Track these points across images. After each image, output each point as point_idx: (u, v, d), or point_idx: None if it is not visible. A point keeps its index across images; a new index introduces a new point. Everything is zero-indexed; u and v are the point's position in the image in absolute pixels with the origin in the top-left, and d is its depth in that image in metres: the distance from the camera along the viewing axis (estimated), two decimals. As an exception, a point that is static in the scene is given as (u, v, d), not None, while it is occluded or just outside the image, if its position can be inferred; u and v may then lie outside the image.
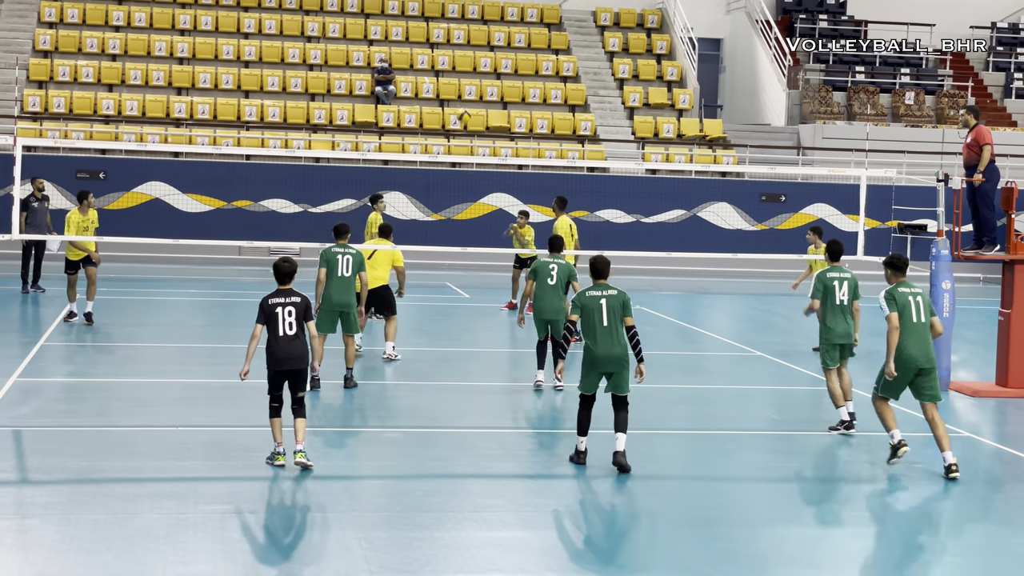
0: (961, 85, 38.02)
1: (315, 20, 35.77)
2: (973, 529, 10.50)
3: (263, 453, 11.76)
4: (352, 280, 15.06)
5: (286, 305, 11.06)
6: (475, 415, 14.18)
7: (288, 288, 11.22)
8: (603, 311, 11.48)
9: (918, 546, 9.86)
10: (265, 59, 34.27)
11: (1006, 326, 16.45)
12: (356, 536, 9.41)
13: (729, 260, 30.07)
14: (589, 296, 11.59)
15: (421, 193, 30.28)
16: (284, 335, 11.00)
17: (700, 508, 10.68)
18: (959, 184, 16.70)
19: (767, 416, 14.87)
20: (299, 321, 11.05)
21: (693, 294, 27.78)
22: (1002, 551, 9.94)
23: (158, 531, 9.34)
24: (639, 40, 37.38)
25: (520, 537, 9.69)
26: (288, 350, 11.01)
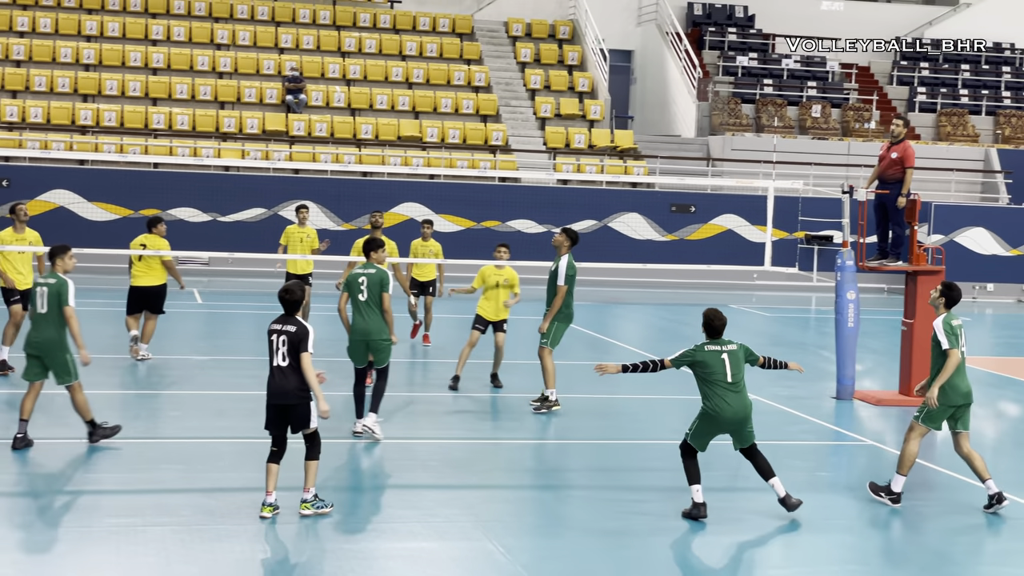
0: (866, 99, 38.67)
1: (225, 28, 35.46)
2: (876, 536, 10.66)
3: (168, 464, 11.63)
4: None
5: (281, 333, 10.13)
6: (386, 425, 14.11)
7: (289, 316, 10.23)
8: (727, 366, 10.54)
9: (822, 553, 9.98)
10: (173, 66, 33.90)
11: (909, 336, 16.74)
12: (263, 548, 9.33)
13: (639, 270, 30.30)
14: (708, 351, 10.58)
15: (332, 203, 30.12)
16: (277, 366, 10.11)
17: (608, 517, 10.73)
18: (864, 196, 16.96)
19: (675, 426, 14.97)
20: (291, 353, 10.05)
21: (604, 304, 27.92)
22: (905, 558, 10.10)
23: (62, 546, 9.20)
24: (551, 51, 37.54)
25: (430, 548, 9.66)
26: (277, 384, 10.12)
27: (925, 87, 39.91)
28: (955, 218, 33.21)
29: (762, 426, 14.45)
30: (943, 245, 30.20)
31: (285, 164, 18.41)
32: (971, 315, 29.18)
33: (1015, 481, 12.63)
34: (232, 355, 18.56)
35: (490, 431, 14.44)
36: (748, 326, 25.38)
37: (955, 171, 35.61)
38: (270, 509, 10.08)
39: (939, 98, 39.35)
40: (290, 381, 10.06)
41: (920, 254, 16.74)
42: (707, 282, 31.23)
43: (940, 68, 40.92)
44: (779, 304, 28.90)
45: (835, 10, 41.63)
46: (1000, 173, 36.19)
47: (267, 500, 10.12)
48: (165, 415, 14.03)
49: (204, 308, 24.34)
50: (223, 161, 18.86)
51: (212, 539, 9.55)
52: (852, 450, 14.03)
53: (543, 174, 25.59)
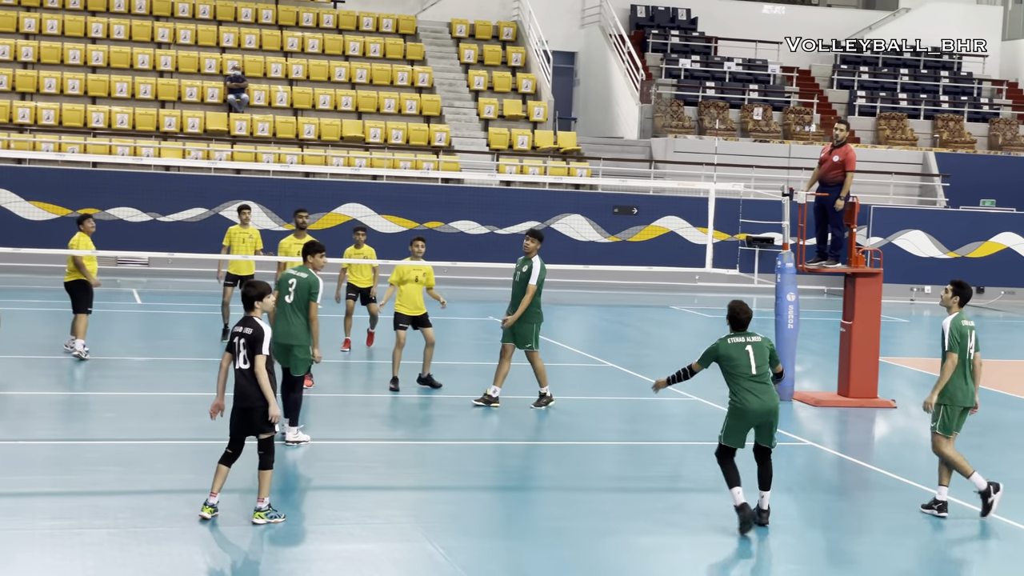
0: (807, 102, 38.99)
1: (166, 26, 35.15)
2: (815, 536, 10.74)
3: (105, 467, 11.51)
4: None
5: (241, 336, 9.98)
6: (325, 426, 14.04)
7: (249, 316, 10.10)
8: (751, 358, 10.37)
9: (760, 554, 10.04)
10: (113, 64, 33.56)
11: (847, 337, 16.89)
12: (200, 551, 9.25)
13: (582, 271, 30.35)
14: (731, 343, 10.43)
15: (273, 203, 29.93)
16: (239, 369, 9.98)
17: (548, 518, 10.74)
18: (804, 198, 17.09)
19: (617, 427, 15.02)
20: (251, 355, 9.91)
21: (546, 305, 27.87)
22: (844, 557, 10.18)
23: (-7, 549, 9.07)
24: (494, 52, 37.54)
25: (370, 550, 9.62)
26: (240, 386, 9.98)
27: (865, 91, 40.31)
28: (893, 221, 33.56)
29: (702, 427, 14.57)
30: (881, 247, 30.51)
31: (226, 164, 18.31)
32: (908, 317, 29.51)
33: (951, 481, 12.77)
34: (171, 356, 18.40)
35: (430, 432, 14.41)
36: (690, 327, 25.52)
37: (893, 174, 35.99)
38: (211, 510, 9.96)
39: (878, 102, 39.75)
40: (252, 384, 9.94)
41: (858, 256, 16.89)
42: (649, 283, 31.36)
43: (880, 72, 41.33)
44: (720, 305, 28.99)
45: (776, 14, 41.93)
46: (938, 177, 36.61)
47: (210, 501, 10.01)
48: (102, 416, 13.89)
49: (143, 308, 24.11)
50: (163, 160, 18.70)
51: (149, 542, 9.45)
52: (790, 451, 14.11)
53: (486, 175, 25.59)
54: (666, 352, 21.86)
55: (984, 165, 37.60)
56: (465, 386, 16.49)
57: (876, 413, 16.39)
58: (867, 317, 16.88)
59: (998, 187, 36.76)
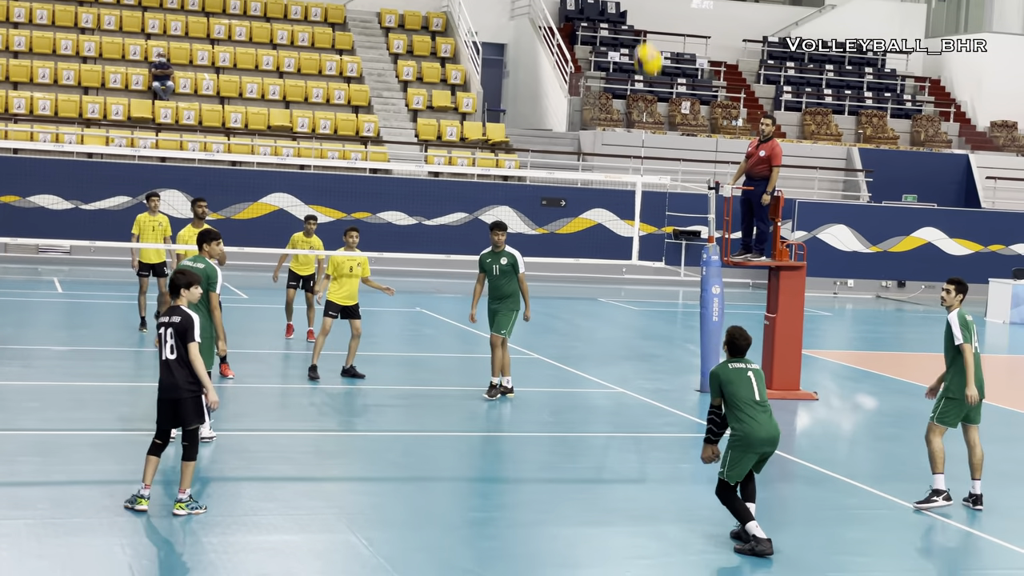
0: (734, 96, 39.29)
1: (89, 11, 34.66)
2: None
3: (25, 457, 11.35)
4: None
5: (168, 325, 9.84)
6: (246, 417, 13.94)
7: (175, 306, 9.97)
8: (753, 384, 9.96)
9: (683, 544, 10.11)
10: (36, 50, 33.06)
11: (771, 330, 17.05)
12: (120, 542, 9.15)
13: (510, 263, 30.34)
14: (733, 369, 9.98)
15: (199, 191, 29.57)
16: (165, 360, 9.86)
17: (471, 509, 10.75)
18: (730, 192, 17.22)
19: (542, 419, 15.06)
20: (179, 345, 9.79)
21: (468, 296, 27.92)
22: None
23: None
24: (424, 43, 37.44)
25: (292, 540, 9.57)
26: (163, 378, 9.90)
27: (791, 86, 40.69)
28: (818, 215, 33.93)
29: (627, 418, 14.66)
30: (806, 241, 30.83)
31: (151, 152, 18.08)
32: (831, 310, 29.85)
33: (871, 472, 12.95)
34: (92, 345, 18.16)
35: (355, 423, 14.36)
36: (617, 320, 25.63)
37: (818, 169, 36.39)
38: (146, 501, 9.90)
39: (804, 97, 40.15)
40: (179, 375, 9.82)
41: (783, 250, 17.05)
42: (577, 275, 31.46)
43: (805, 68, 41.75)
44: (647, 298, 29.23)
45: (705, 8, 42.18)
46: (861, 172, 37.07)
47: (143, 492, 9.93)
48: (23, 406, 13.69)
49: (65, 297, 23.79)
50: (86, 148, 18.45)
51: (68, 533, 9.34)
52: (714, 442, 14.22)
53: (414, 166, 25.50)
54: (593, 344, 21.94)
55: (907, 161, 38.14)
56: (390, 376, 16.44)
57: (798, 405, 16.56)
58: (790, 310, 17.05)
59: (920, 183, 37.33)
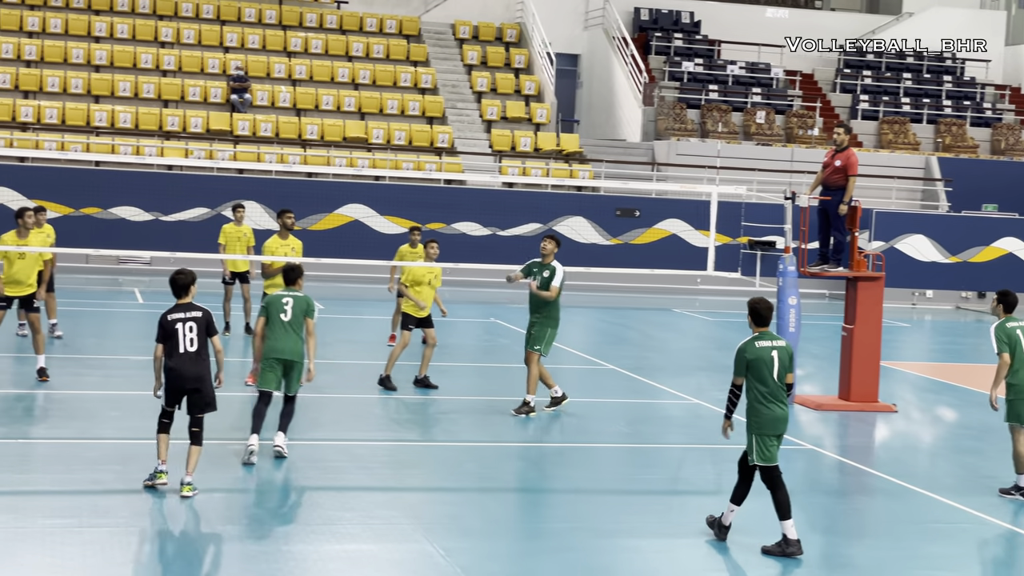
0: (810, 106, 38.99)
1: (169, 26, 35.17)
2: (815, 540, 10.73)
3: (106, 465, 11.52)
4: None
5: (187, 320, 10.50)
6: (326, 426, 14.06)
7: (187, 302, 10.63)
8: (775, 363, 9.97)
9: (760, 556, 10.04)
10: (117, 64, 33.59)
11: (849, 341, 16.89)
12: (201, 550, 9.26)
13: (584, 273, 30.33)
14: (759, 348, 9.98)
15: (276, 203, 29.88)
16: (185, 352, 10.46)
17: (547, 519, 10.75)
18: (806, 202, 17.09)
19: (617, 429, 15.03)
20: (200, 337, 10.50)
21: (548, 307, 27.92)
22: (842, 561, 10.18)
23: (-6, 547, 9.08)
24: (498, 54, 37.55)
25: (370, 550, 9.63)
26: (189, 369, 10.49)
27: (867, 95, 40.31)
28: (895, 225, 33.55)
29: (702, 430, 14.59)
30: (883, 252, 30.43)
31: (229, 164, 18.31)
32: (910, 322, 29.51)
33: (952, 486, 12.78)
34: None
35: (431, 433, 14.41)
36: (691, 330, 25.52)
37: (896, 179, 35.99)
38: (164, 475, 10.70)
39: (881, 106, 39.76)
40: (202, 365, 10.52)
41: (860, 260, 16.91)
42: (651, 286, 31.35)
43: (882, 76, 41.34)
44: (722, 308, 29.07)
45: (780, 17, 41.94)
46: (940, 181, 36.61)
47: (161, 468, 10.70)
48: (104, 415, 13.90)
49: (145, 308, 24.12)
50: (166, 160, 18.71)
51: (149, 540, 9.47)
52: (791, 454, 14.12)
53: (488, 177, 25.60)
54: (667, 355, 21.86)
55: (986, 170, 37.60)
56: (464, 387, 16.49)
57: (877, 417, 16.39)
58: (869, 321, 16.89)
59: (1000, 192, 36.76)
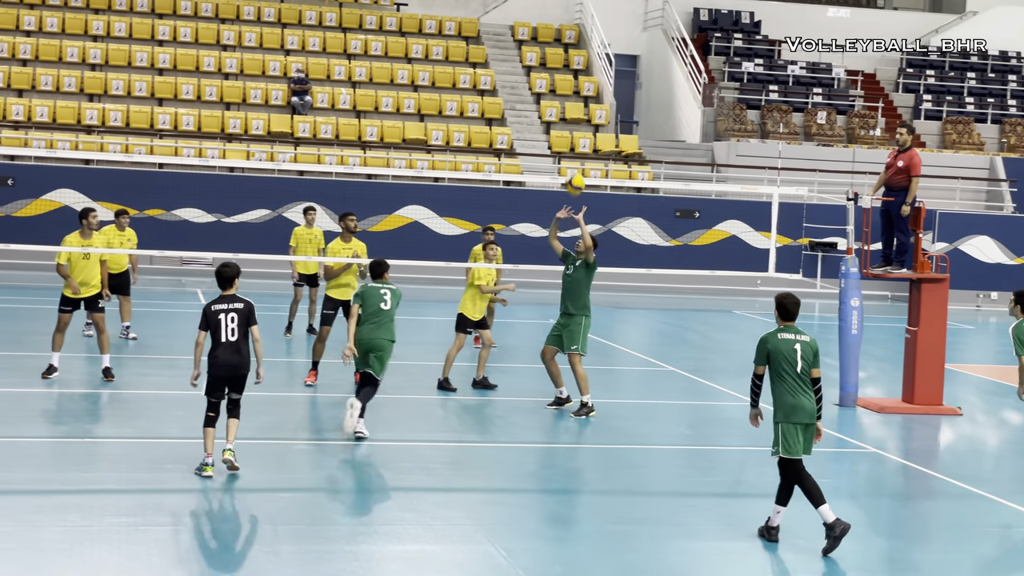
0: (872, 106, 38.66)
1: (231, 29, 35.48)
2: (879, 543, 10.65)
3: (170, 464, 11.64)
4: None
5: (229, 311, 11.14)
6: (388, 427, 14.11)
7: (231, 294, 11.27)
8: (798, 355, 10.12)
9: (823, 560, 9.96)
10: (180, 67, 33.93)
11: (912, 343, 16.73)
12: (264, 549, 9.33)
13: (643, 275, 30.28)
14: (781, 339, 10.20)
15: (336, 204, 30.09)
16: (227, 341, 11.12)
17: (608, 521, 10.73)
18: (869, 203, 16.95)
19: (678, 431, 14.98)
20: (242, 327, 11.14)
21: (607, 308, 27.89)
22: (906, 565, 10.09)
23: (62, 544, 9.19)
24: (556, 55, 37.55)
25: (431, 551, 9.66)
26: (230, 357, 11.15)
27: (931, 95, 39.90)
28: (960, 226, 33.18)
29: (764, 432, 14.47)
30: (947, 253, 30.16)
31: (290, 166, 18.42)
32: (974, 324, 29.17)
33: (1018, 489, 12.62)
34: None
35: (491, 434, 14.43)
36: (752, 332, 25.36)
37: (960, 179, 35.59)
38: (210, 468, 11.10)
39: (944, 106, 39.34)
40: (242, 353, 11.19)
41: (924, 262, 16.74)
42: (710, 287, 31.22)
43: (946, 76, 40.91)
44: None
45: (841, 17, 41.62)
46: (1005, 182, 36.17)
47: (208, 461, 11.13)
48: (169, 415, 14.04)
49: (208, 309, 24.33)
50: (228, 162, 18.89)
51: (213, 539, 9.55)
52: (854, 457, 14.02)
53: (547, 178, 25.59)
54: (728, 356, 21.75)
55: (1052, 170, 37.13)
56: (523, 388, 16.49)
57: (941, 420, 16.22)
58: (933, 323, 16.72)
59: (1066, 192, 36.28)
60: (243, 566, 8.97)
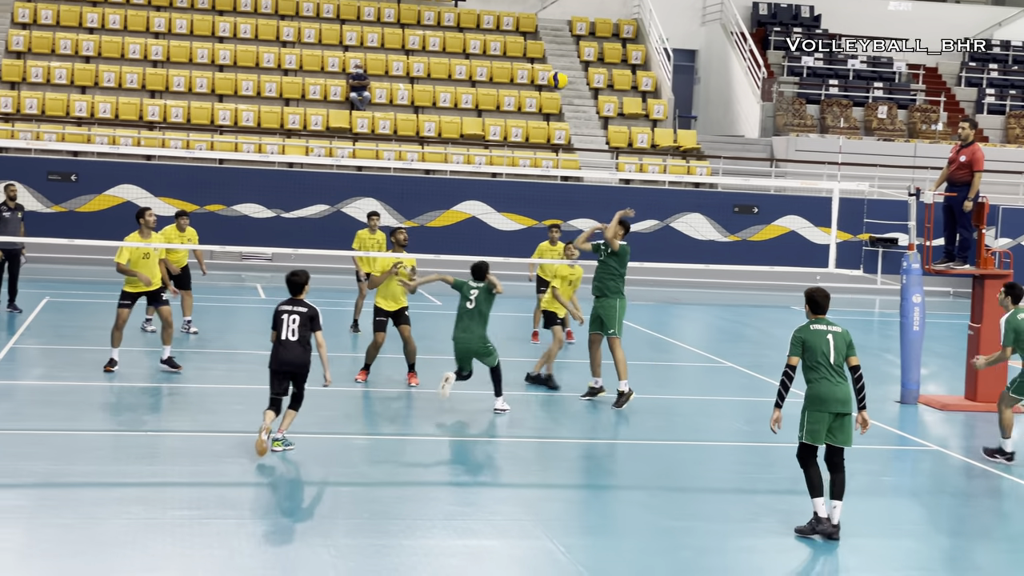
0: (933, 100, 38.26)
1: (290, 25, 35.70)
2: (941, 542, 10.56)
3: (231, 458, 11.75)
4: None
5: (292, 313, 11.89)
6: (447, 423, 14.16)
7: (299, 299, 12.02)
8: (831, 346, 10.29)
9: (884, 558, 9.89)
10: (240, 63, 34.18)
11: (975, 340, 16.55)
12: (324, 543, 9.39)
13: (701, 271, 30.18)
14: (814, 331, 10.39)
15: (395, 200, 30.24)
16: (286, 339, 11.83)
17: (667, 517, 10.70)
18: (931, 198, 16.78)
19: (736, 427, 14.91)
20: (302, 329, 11.82)
21: (665, 304, 27.83)
22: (970, 564, 9.99)
23: (125, 536, 9.30)
24: (614, 50, 37.46)
25: (491, 546, 9.68)
26: (287, 355, 11.82)
27: (994, 89, 39.41)
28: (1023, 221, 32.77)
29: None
30: (1011, 248, 29.80)
31: (349, 161, 18.50)
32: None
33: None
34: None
35: (549, 430, 14.43)
36: (811, 328, 25.19)
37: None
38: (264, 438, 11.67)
39: (1008, 100, 38.85)
40: (298, 352, 11.82)
41: (987, 258, 16.56)
42: (769, 283, 31.05)
43: (1009, 70, 40.39)
44: (843, 307, 28.64)
45: (902, 10, 41.21)
46: (1070, 176, 35.68)
47: (264, 435, 11.65)
48: (229, 408, 14.16)
49: (267, 303, 24.52)
50: (287, 158, 18.97)
51: (274, 533, 9.63)
52: (916, 455, 13.90)
53: (605, 173, 25.54)
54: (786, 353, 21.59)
55: (1118, 165, 36.56)
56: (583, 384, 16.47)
57: (1004, 418, 16.00)
58: (996, 320, 16.50)
59: None
60: (303, 559, 9.03)
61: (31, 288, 22.60)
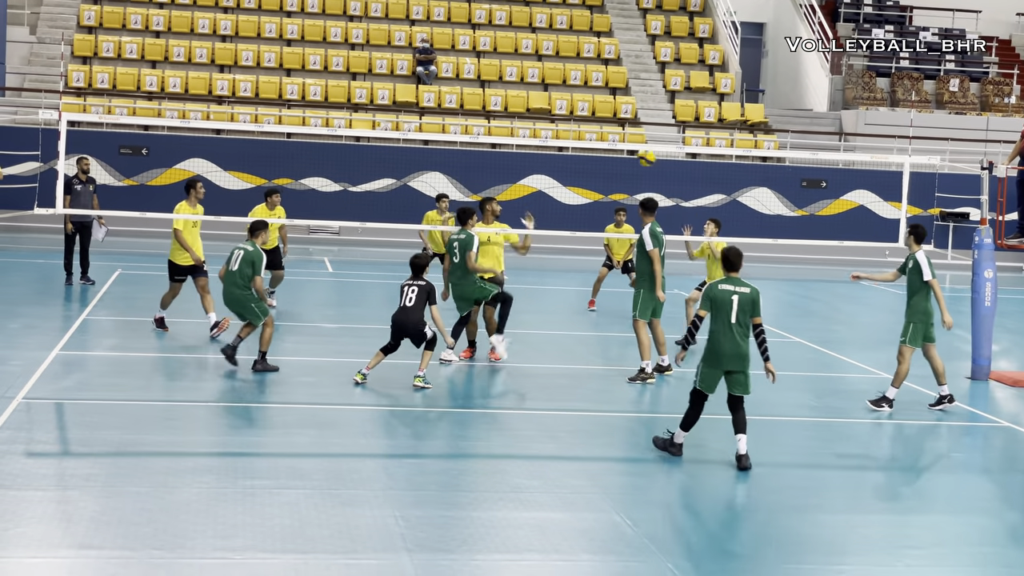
0: (1007, 72, 37.66)
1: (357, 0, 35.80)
2: (1012, 518, 10.45)
3: (302, 430, 11.88)
4: None
5: (411, 286, 14.18)
6: (513, 395, 14.21)
7: (421, 277, 14.24)
8: (733, 307, 11.11)
9: (955, 535, 9.81)
10: (307, 38, 34.35)
11: (1048, 316, 16.33)
12: (393, 514, 9.46)
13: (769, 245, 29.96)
14: (721, 290, 11.18)
15: (461, 174, 30.30)
16: (402, 306, 14.13)
17: (735, 492, 10.68)
18: (1004, 172, 16.55)
19: (805, 402, 14.83)
20: (419, 299, 14.06)
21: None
22: (1041, 542, 9.89)
23: (198, 505, 9.43)
24: (681, 23, 37.22)
25: (557, 518, 9.71)
26: (403, 318, 14.08)
27: (1069, 61, 38.75)
28: (1098, 196, 32.22)
29: (897, 406, 14.26)
30: (1085, 224, 29.33)
31: (415, 135, 18.54)
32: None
33: None
34: (362, 323, 18.78)
35: (615, 403, 14.42)
36: (879, 303, 24.98)
37: (1099, 148, 34.55)
38: (362, 376, 14.05)
39: (1083, 72, 38.18)
40: (411, 317, 14.03)
41: (1061, 233, 16.32)
42: (837, 258, 30.79)
43: (1085, 41, 39.68)
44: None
45: (976, -19, 40.58)
46: None
47: (364, 371, 14.13)
48: (298, 380, 14.30)
49: (335, 276, 24.69)
50: (354, 132, 19.06)
51: (344, 504, 9.72)
52: (987, 431, 13.75)
53: (672, 147, 25.41)
54: (855, 328, 21.46)
55: None
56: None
57: (1077, 395, 15.80)
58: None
59: None
60: (372, 530, 9.11)
61: (103, 260, 22.91)
